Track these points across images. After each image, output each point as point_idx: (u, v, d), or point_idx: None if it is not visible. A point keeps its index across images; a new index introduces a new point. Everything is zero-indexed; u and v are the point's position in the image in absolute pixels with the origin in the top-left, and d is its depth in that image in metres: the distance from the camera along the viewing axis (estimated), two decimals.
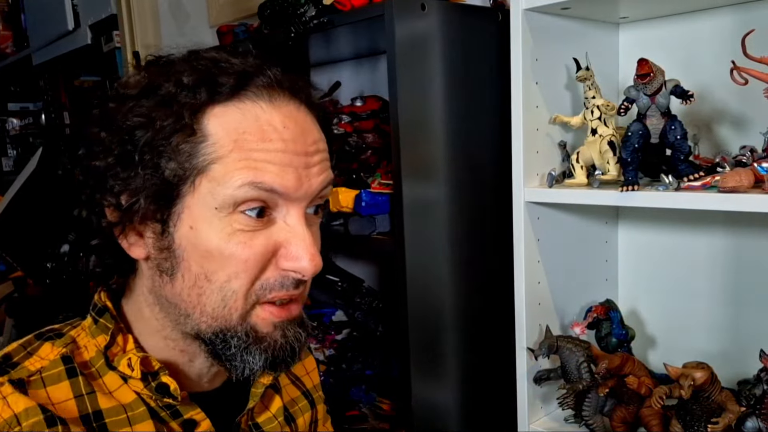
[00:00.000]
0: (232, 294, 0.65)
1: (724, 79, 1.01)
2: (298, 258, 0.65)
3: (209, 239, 0.64)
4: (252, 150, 0.63)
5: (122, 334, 0.71)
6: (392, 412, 1.55)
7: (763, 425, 0.97)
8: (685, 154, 1.03)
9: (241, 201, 0.63)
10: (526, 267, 1.21)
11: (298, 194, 0.65)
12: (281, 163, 0.64)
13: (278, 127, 0.65)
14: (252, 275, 0.65)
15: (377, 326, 1.68)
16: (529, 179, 1.19)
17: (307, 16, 1.40)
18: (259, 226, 0.65)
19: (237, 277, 0.65)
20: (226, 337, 0.67)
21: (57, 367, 0.67)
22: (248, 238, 0.64)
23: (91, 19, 2.42)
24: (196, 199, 0.64)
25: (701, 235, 1.28)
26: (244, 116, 0.64)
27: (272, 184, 0.63)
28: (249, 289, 0.66)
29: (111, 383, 0.69)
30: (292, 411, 0.85)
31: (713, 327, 1.28)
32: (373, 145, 1.56)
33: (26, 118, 3.60)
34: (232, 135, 0.63)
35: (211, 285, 0.65)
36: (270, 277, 0.66)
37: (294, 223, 0.66)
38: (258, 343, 0.67)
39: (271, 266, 0.66)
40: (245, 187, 0.63)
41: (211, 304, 0.66)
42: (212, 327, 0.67)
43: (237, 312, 0.66)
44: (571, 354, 1.17)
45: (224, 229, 0.64)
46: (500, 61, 1.39)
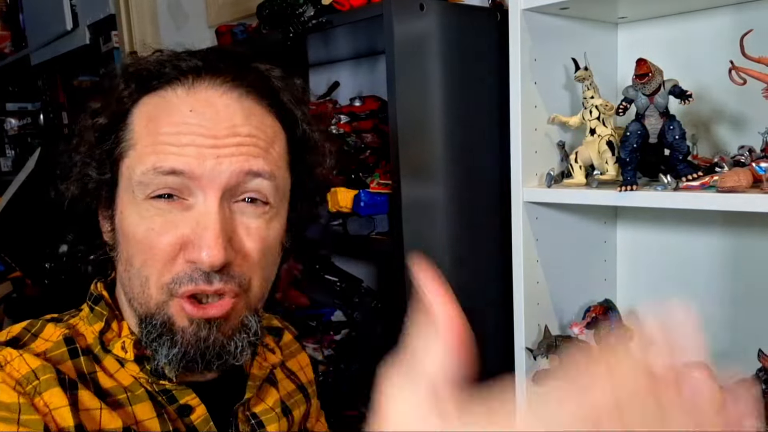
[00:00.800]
0: (146, 281, 0.67)
1: (723, 79, 1.01)
2: (198, 248, 0.64)
3: (129, 224, 0.67)
4: (158, 134, 0.66)
5: (117, 321, 0.73)
6: None
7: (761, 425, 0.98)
8: (684, 154, 1.03)
9: (150, 187, 0.65)
10: (525, 267, 1.21)
11: (203, 175, 0.64)
12: (180, 143, 0.65)
13: (184, 110, 0.66)
14: (160, 264, 0.65)
15: (376, 326, 1.68)
16: (527, 179, 1.19)
17: (305, 16, 1.40)
18: (171, 213, 0.65)
19: (147, 264, 0.66)
20: (146, 323, 0.68)
21: (60, 348, 0.68)
22: (158, 224, 0.65)
23: (90, 19, 2.42)
24: (122, 185, 0.68)
25: (700, 234, 1.28)
26: (159, 102, 0.68)
27: (173, 165, 0.64)
28: (160, 279, 0.66)
29: (110, 367, 0.70)
30: (289, 403, 0.85)
31: (712, 327, 1.27)
32: (371, 145, 1.56)
33: (24, 118, 3.60)
34: (145, 121, 0.67)
35: (133, 269, 0.67)
36: (180, 270, 0.65)
37: (203, 210, 0.65)
38: (170, 334, 0.66)
39: (181, 257, 0.65)
40: (149, 173, 0.65)
41: (135, 288, 0.68)
42: (140, 311, 0.68)
43: (152, 299, 0.67)
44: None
45: (140, 214, 0.66)
46: (499, 61, 1.39)
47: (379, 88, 1.77)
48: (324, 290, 1.80)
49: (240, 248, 0.67)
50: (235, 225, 0.67)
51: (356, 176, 1.56)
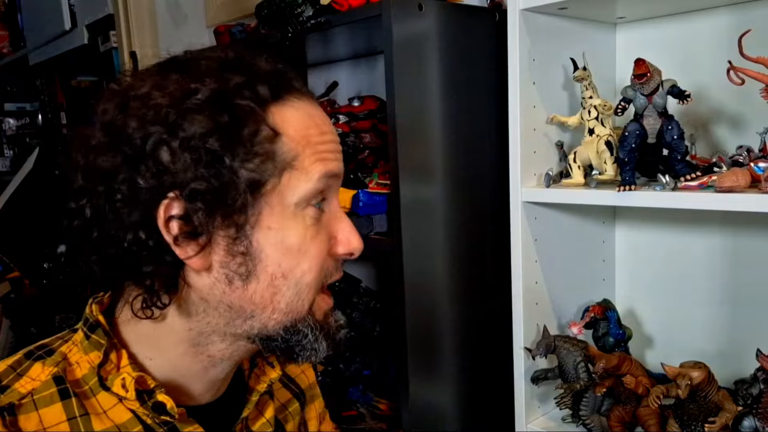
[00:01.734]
0: (306, 287, 0.68)
1: (721, 79, 1.01)
2: (349, 241, 0.71)
3: (288, 236, 0.66)
4: (317, 143, 0.67)
5: (115, 351, 0.69)
6: (389, 412, 1.55)
7: (759, 424, 0.98)
8: (682, 154, 1.03)
9: (319, 192, 0.67)
10: (524, 267, 1.21)
11: (342, 176, 0.72)
12: (335, 150, 0.70)
13: (323, 120, 0.70)
14: (321, 266, 0.69)
15: (375, 326, 1.68)
16: (526, 179, 1.19)
17: (304, 16, 1.40)
18: (320, 217, 0.69)
19: (311, 270, 0.68)
20: (298, 328, 0.69)
21: (49, 389, 0.65)
22: (315, 231, 0.68)
23: (88, 19, 2.41)
24: (276, 197, 0.65)
25: (698, 234, 1.28)
26: (300, 114, 0.67)
27: (334, 169, 0.69)
28: (318, 279, 0.69)
29: (105, 402, 0.67)
30: (281, 417, 0.84)
31: (710, 326, 1.28)
32: (370, 145, 1.56)
33: (23, 119, 3.59)
34: (301, 132, 0.66)
35: (287, 282, 0.67)
36: (329, 265, 0.70)
37: (336, 209, 0.71)
38: (322, 330, 0.71)
39: (327, 257, 0.70)
40: (323, 178, 0.67)
41: (286, 300, 0.67)
42: (282, 322, 0.68)
43: (308, 302, 0.69)
44: (568, 354, 1.17)
45: (300, 224, 0.67)
46: (497, 61, 1.39)
47: (377, 88, 1.77)
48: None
49: None
50: None
51: (355, 176, 1.56)
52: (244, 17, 1.97)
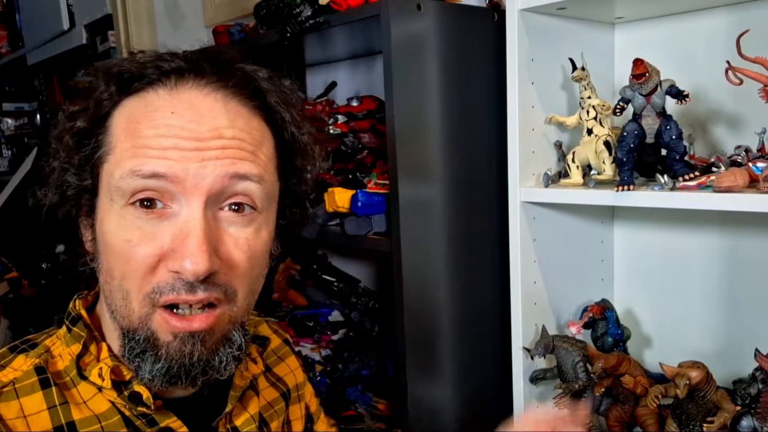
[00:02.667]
0: (127, 294, 0.64)
1: (719, 79, 1.01)
2: (181, 257, 0.61)
3: (108, 233, 0.64)
4: (138, 137, 0.63)
5: (96, 343, 0.70)
6: (388, 412, 1.55)
7: (758, 424, 0.98)
8: (681, 154, 1.03)
9: (129, 192, 0.62)
10: (522, 267, 1.21)
11: (186, 179, 0.62)
12: (162, 146, 0.62)
13: (166, 112, 0.63)
14: (139, 276, 0.62)
15: (373, 326, 1.68)
16: (525, 179, 1.19)
17: (302, 16, 1.40)
18: (150, 219, 0.62)
19: (126, 277, 0.63)
20: (128, 337, 0.65)
21: (30, 378, 0.66)
22: (137, 235, 0.62)
23: (87, 19, 2.41)
24: (102, 190, 0.65)
25: (696, 234, 1.28)
26: (139, 104, 0.65)
27: (154, 168, 0.61)
28: (140, 291, 0.63)
29: (85, 393, 0.68)
30: (266, 415, 0.83)
31: (709, 326, 1.28)
32: (369, 145, 1.56)
33: (21, 119, 3.59)
34: (124, 124, 0.64)
35: (113, 281, 0.64)
36: (161, 280, 0.62)
37: (186, 217, 0.62)
38: (154, 349, 0.64)
39: (161, 267, 0.62)
40: (127, 177, 0.62)
41: (116, 301, 0.65)
42: (123, 325, 0.65)
43: (135, 313, 0.64)
44: (567, 354, 1.17)
45: (118, 223, 0.63)
46: (496, 62, 1.39)
47: (376, 87, 1.77)
48: (322, 290, 1.80)
49: (227, 258, 0.64)
50: (221, 234, 0.64)
51: (353, 176, 1.56)
52: (242, 17, 1.97)
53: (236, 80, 0.68)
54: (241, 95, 0.68)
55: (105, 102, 0.66)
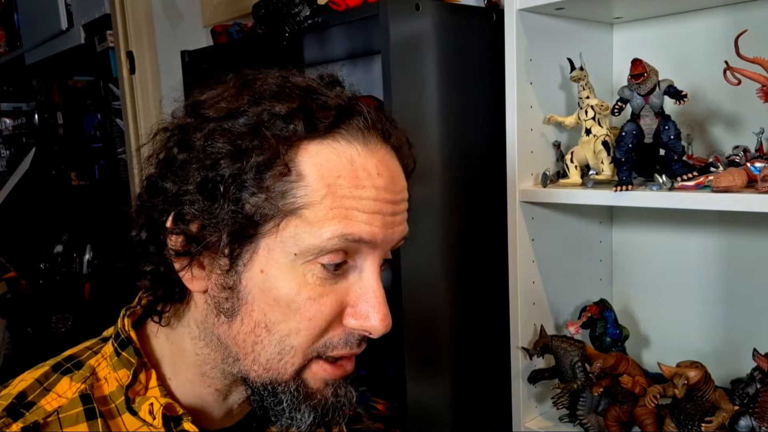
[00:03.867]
0: (291, 349, 0.61)
1: (718, 79, 1.02)
2: (368, 316, 0.61)
3: (279, 287, 0.60)
4: (344, 197, 0.59)
5: (145, 371, 0.67)
6: (387, 412, 1.55)
7: (756, 424, 0.98)
8: (679, 154, 1.03)
9: (327, 251, 0.59)
10: (521, 267, 1.21)
11: (380, 245, 0.62)
12: (371, 211, 0.60)
13: (372, 173, 0.60)
14: (315, 333, 0.61)
15: None
16: (523, 179, 1.19)
17: (301, 16, 1.40)
18: (331, 280, 0.61)
19: (299, 333, 0.61)
20: (276, 391, 0.63)
21: (75, 408, 0.64)
22: (319, 293, 0.60)
23: (85, 19, 2.41)
24: (276, 241, 0.59)
25: (695, 234, 1.28)
26: (338, 158, 0.60)
27: (361, 234, 0.59)
28: (311, 346, 0.62)
29: (130, 424, 0.65)
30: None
31: (707, 326, 1.28)
32: None
33: (19, 118, 3.58)
34: (327, 179, 0.59)
35: (270, 336, 0.61)
36: (334, 335, 0.62)
37: (368, 277, 0.62)
38: (308, 400, 0.63)
39: (336, 323, 0.62)
40: (335, 239, 0.58)
41: (266, 355, 0.62)
42: (262, 377, 0.63)
43: (293, 367, 0.62)
44: (565, 353, 1.17)
45: (296, 279, 0.60)
46: (494, 62, 1.39)
47: (375, 88, 1.77)
48: None
49: None
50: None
51: None
52: (240, 17, 1.97)
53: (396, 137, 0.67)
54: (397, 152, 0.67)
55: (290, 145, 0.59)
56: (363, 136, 0.61)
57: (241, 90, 0.62)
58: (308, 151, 0.59)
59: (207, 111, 0.61)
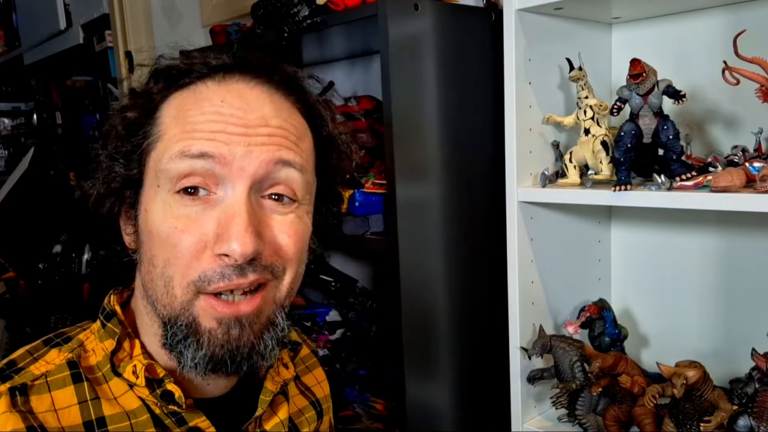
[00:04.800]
0: (170, 280, 0.64)
1: (716, 79, 1.02)
2: (228, 238, 0.62)
3: (153, 220, 0.65)
4: (187, 122, 0.65)
5: (129, 339, 0.71)
6: (386, 411, 1.55)
7: (755, 423, 0.98)
8: (678, 154, 1.03)
9: (176, 175, 0.63)
10: (520, 266, 1.21)
11: (233, 161, 0.63)
12: (211, 129, 0.64)
13: (215, 101, 0.66)
14: (184, 262, 0.63)
15: (371, 326, 1.68)
16: (522, 179, 1.19)
17: (300, 16, 1.40)
18: (195, 206, 0.63)
19: (170, 263, 0.63)
20: (170, 325, 0.65)
21: (62, 372, 0.67)
22: (183, 222, 0.63)
23: (83, 19, 2.40)
24: (148, 179, 0.67)
25: (693, 234, 1.28)
26: (190, 96, 0.67)
27: (201, 148, 0.63)
28: (185, 278, 0.63)
29: (116, 388, 0.68)
30: (297, 422, 0.83)
31: (705, 326, 1.28)
32: (366, 145, 1.56)
33: (18, 118, 3.58)
34: (174, 113, 0.66)
35: (155, 270, 0.65)
36: (208, 268, 0.63)
37: (232, 201, 0.63)
38: (195, 335, 0.64)
39: (208, 254, 0.63)
40: (176, 158, 0.63)
41: (158, 290, 0.65)
42: (163, 314, 0.66)
43: (177, 299, 0.64)
44: (564, 353, 1.18)
45: (164, 210, 0.64)
46: (493, 61, 1.39)
47: (373, 87, 1.77)
48: (319, 290, 1.80)
49: (271, 241, 0.65)
50: (265, 219, 0.65)
51: (351, 176, 1.55)
52: (239, 17, 1.96)
53: (279, 77, 0.71)
54: (284, 91, 0.70)
55: (154, 96, 0.69)
56: (222, 75, 0.68)
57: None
58: (172, 98, 0.68)
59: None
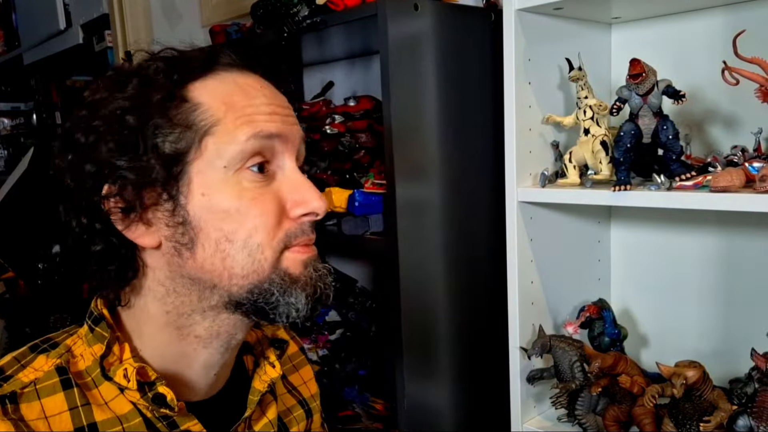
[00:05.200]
0: (258, 247, 0.67)
1: (716, 79, 1.02)
2: (308, 201, 0.69)
3: (223, 200, 0.66)
4: (243, 107, 0.67)
5: (118, 344, 0.70)
6: (385, 412, 1.55)
7: (754, 423, 0.98)
8: (677, 154, 1.03)
9: (249, 154, 0.66)
10: (519, 267, 1.21)
11: (289, 138, 0.70)
12: (269, 112, 0.69)
13: (256, 86, 0.70)
14: (271, 226, 0.68)
15: (370, 326, 1.68)
16: (522, 179, 1.19)
17: (300, 16, 1.40)
18: (263, 182, 0.68)
19: (257, 231, 0.67)
20: (263, 287, 0.68)
21: (51, 379, 0.66)
22: (259, 193, 0.67)
23: (83, 19, 2.40)
24: (204, 162, 0.66)
25: (693, 234, 1.28)
26: (223, 84, 0.69)
27: (269, 129, 0.68)
28: (273, 239, 0.68)
29: (107, 393, 0.68)
30: (286, 420, 0.84)
31: (705, 326, 1.28)
32: (366, 145, 1.56)
33: (17, 118, 3.58)
34: (221, 99, 0.67)
35: (234, 245, 0.67)
36: (289, 228, 0.69)
37: (291, 172, 0.70)
38: (295, 283, 0.69)
39: (285, 219, 0.69)
40: (251, 139, 0.66)
41: (240, 263, 0.67)
42: (245, 286, 0.68)
43: (267, 262, 0.68)
44: (564, 353, 1.17)
45: (235, 188, 0.66)
46: (493, 61, 1.40)
47: (373, 87, 1.77)
48: None
49: None
50: None
51: (351, 176, 1.56)
52: (239, 17, 1.96)
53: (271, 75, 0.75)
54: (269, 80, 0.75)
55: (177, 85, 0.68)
56: (237, 68, 0.71)
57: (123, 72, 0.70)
58: (196, 87, 0.68)
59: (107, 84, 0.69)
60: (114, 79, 0.69)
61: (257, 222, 0.67)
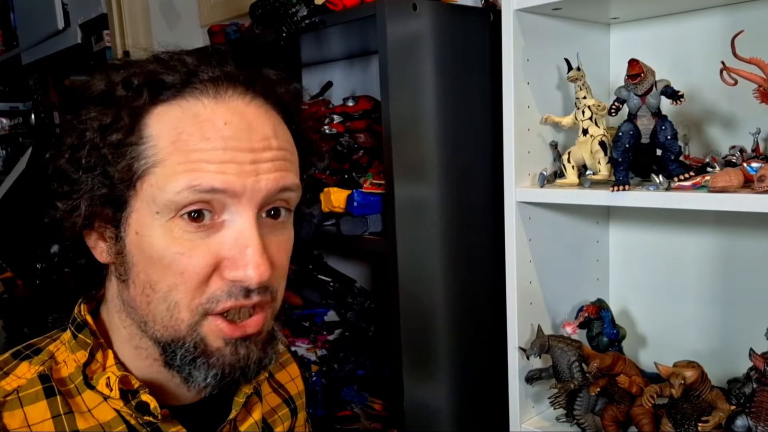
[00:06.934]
0: (175, 305, 0.63)
1: (714, 79, 1.02)
2: (242, 266, 0.62)
3: (152, 245, 0.62)
4: (190, 150, 0.61)
5: (102, 350, 0.69)
6: (384, 412, 1.55)
7: (752, 423, 0.98)
8: (676, 154, 1.04)
9: (182, 206, 0.61)
10: (518, 267, 1.21)
11: (244, 193, 0.62)
12: (220, 160, 0.61)
13: (218, 124, 0.62)
14: (192, 287, 0.62)
15: (369, 326, 1.68)
16: (520, 179, 1.19)
17: (298, 16, 1.40)
18: (200, 232, 0.62)
19: (177, 288, 0.62)
20: (174, 347, 0.64)
21: (34, 387, 0.66)
22: (188, 247, 0.62)
23: (81, 19, 2.40)
24: (140, 203, 0.63)
25: (691, 234, 1.28)
26: (184, 115, 0.63)
27: (211, 183, 0.61)
28: (193, 301, 0.63)
29: (90, 401, 0.67)
30: (270, 420, 0.83)
31: (703, 326, 1.28)
32: (364, 145, 1.56)
33: (16, 118, 3.58)
34: (171, 136, 0.62)
35: (156, 294, 0.63)
36: (216, 288, 0.63)
37: (240, 229, 0.63)
38: (205, 356, 0.64)
39: (215, 276, 0.63)
40: (184, 192, 0.60)
41: (159, 313, 0.64)
42: (164, 336, 0.64)
43: (184, 323, 0.63)
44: (562, 353, 1.18)
45: (165, 235, 0.62)
46: (492, 62, 1.39)
47: (372, 87, 1.77)
48: (317, 290, 1.79)
49: (272, 261, 0.65)
50: (265, 240, 0.64)
51: (349, 176, 1.55)
52: (237, 17, 1.96)
53: (262, 86, 0.68)
54: (272, 100, 0.68)
55: (137, 110, 0.63)
56: (215, 88, 0.64)
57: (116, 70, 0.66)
58: (157, 114, 0.63)
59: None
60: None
61: (177, 280, 0.62)
